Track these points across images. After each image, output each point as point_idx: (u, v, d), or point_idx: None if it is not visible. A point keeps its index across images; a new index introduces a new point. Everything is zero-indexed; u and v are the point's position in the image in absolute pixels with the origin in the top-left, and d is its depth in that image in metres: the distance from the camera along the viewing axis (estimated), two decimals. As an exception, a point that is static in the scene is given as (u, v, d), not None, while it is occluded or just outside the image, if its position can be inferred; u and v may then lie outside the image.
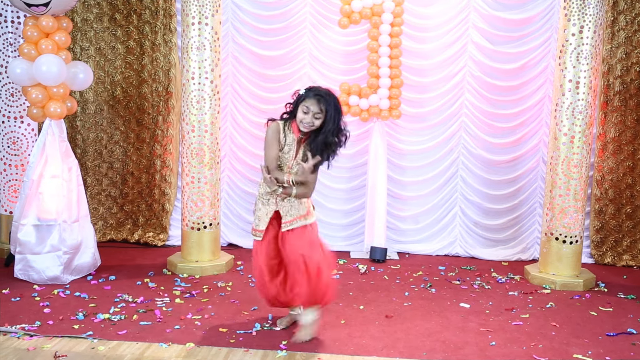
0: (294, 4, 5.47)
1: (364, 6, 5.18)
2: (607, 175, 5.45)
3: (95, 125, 5.72)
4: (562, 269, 4.83)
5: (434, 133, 5.60)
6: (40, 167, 4.50)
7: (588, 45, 4.65)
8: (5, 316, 3.81)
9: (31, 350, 3.34)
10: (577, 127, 4.73)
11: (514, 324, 3.97)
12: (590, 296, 4.62)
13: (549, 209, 4.89)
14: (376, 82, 5.27)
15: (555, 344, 3.67)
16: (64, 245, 4.47)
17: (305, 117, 3.41)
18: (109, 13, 5.57)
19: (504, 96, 5.48)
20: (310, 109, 3.40)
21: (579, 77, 4.69)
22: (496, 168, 5.58)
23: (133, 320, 3.81)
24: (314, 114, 3.40)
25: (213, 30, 4.76)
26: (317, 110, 3.39)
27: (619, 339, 3.80)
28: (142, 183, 5.74)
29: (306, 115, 3.40)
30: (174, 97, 5.56)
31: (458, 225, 5.68)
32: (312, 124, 3.42)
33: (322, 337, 3.65)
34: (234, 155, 5.73)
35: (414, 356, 3.44)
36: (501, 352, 3.53)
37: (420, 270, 5.16)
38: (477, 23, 5.41)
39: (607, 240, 5.52)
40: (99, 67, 5.63)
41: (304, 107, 3.42)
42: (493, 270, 5.21)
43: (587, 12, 4.61)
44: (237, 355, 3.36)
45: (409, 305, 4.27)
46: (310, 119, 3.40)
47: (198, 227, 4.89)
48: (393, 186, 5.62)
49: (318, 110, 3.40)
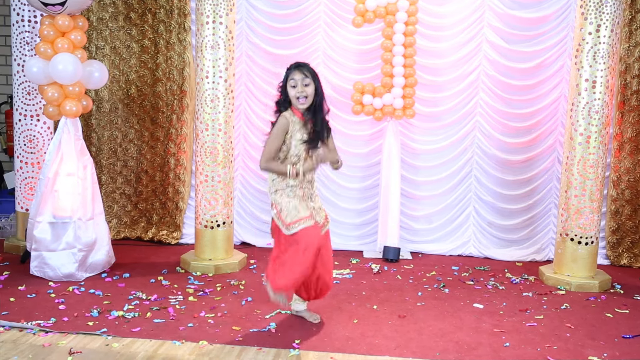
0: (308, 3, 5.48)
1: (378, 5, 5.18)
2: (624, 176, 5.42)
3: (110, 124, 5.76)
4: (577, 270, 4.81)
5: (448, 132, 5.60)
6: (55, 165, 4.54)
7: (605, 44, 4.62)
8: (21, 312, 3.85)
9: (46, 347, 3.37)
10: (593, 127, 4.70)
11: (528, 325, 3.96)
12: (605, 298, 4.59)
13: (564, 210, 4.87)
14: (390, 81, 5.27)
15: (570, 346, 3.65)
16: (79, 243, 4.50)
17: (295, 90, 3.51)
18: (124, 12, 5.61)
19: (519, 95, 5.47)
20: (296, 78, 3.52)
21: (596, 76, 4.66)
22: (511, 168, 5.56)
23: (147, 318, 3.84)
24: (302, 82, 3.51)
25: (227, 29, 4.78)
26: (302, 77, 3.52)
27: (636, 342, 3.77)
28: (156, 181, 5.77)
29: (295, 88, 3.52)
30: (188, 95, 5.58)
31: (472, 225, 5.68)
32: (304, 93, 3.52)
33: (334, 336, 3.66)
34: (248, 154, 5.75)
35: (427, 356, 3.43)
36: (515, 353, 3.52)
37: (434, 270, 5.16)
38: (491, 22, 5.40)
39: (624, 241, 5.49)
40: (114, 65, 5.67)
41: (290, 81, 3.54)
42: (507, 271, 5.19)
43: (604, 11, 4.58)
44: (249, 354, 3.37)
45: (422, 305, 4.27)
46: (301, 88, 3.51)
47: (211, 226, 4.91)
48: (406, 186, 5.62)
49: (303, 76, 3.52)
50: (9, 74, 6.47)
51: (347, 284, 4.70)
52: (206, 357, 3.32)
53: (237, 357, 3.32)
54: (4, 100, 6.62)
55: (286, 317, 3.95)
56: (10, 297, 4.12)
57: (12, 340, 3.44)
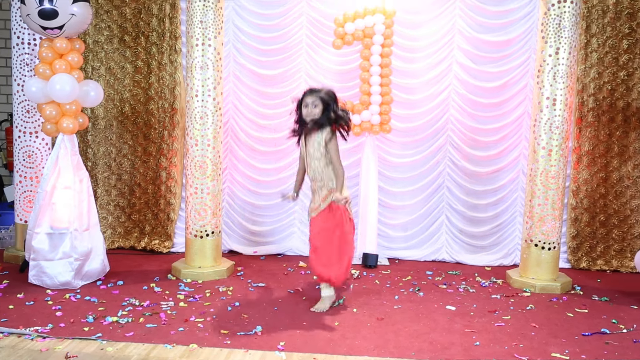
0: (291, 27, 5.51)
1: (356, 28, 5.22)
2: (582, 186, 5.47)
3: (105, 140, 5.73)
4: (541, 274, 4.84)
5: (421, 146, 5.62)
6: (53, 179, 4.51)
7: (564, 65, 4.69)
8: (19, 319, 3.81)
9: (44, 351, 3.34)
10: (554, 141, 4.76)
11: (497, 325, 3.98)
12: (567, 299, 4.63)
13: (529, 218, 4.91)
14: (368, 99, 5.30)
15: (534, 344, 3.68)
16: (75, 252, 4.47)
17: (306, 110, 3.97)
18: (119, 35, 5.60)
19: (486, 112, 5.51)
20: (307, 101, 3.97)
21: (556, 94, 4.72)
22: (479, 179, 5.60)
23: (140, 323, 3.81)
24: (312, 103, 3.95)
25: (215, 50, 4.79)
26: (312, 100, 3.95)
27: (594, 339, 3.81)
28: (149, 194, 5.74)
29: (306, 108, 3.97)
30: (178, 113, 5.57)
31: (444, 232, 5.70)
32: (313, 113, 3.96)
33: (317, 338, 3.65)
34: (235, 167, 5.75)
35: (403, 356, 3.43)
36: (484, 351, 3.53)
37: (409, 275, 5.17)
38: (461, 45, 5.45)
39: (583, 246, 5.53)
40: (109, 85, 5.65)
41: (304, 104, 3.99)
42: (477, 275, 5.21)
43: (562, 35, 4.65)
44: (237, 356, 3.36)
45: (398, 308, 4.28)
46: (311, 109, 3.95)
47: (201, 235, 4.90)
48: (383, 196, 5.64)
49: (313, 99, 3.95)
50: (9, 93, 6.43)
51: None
52: (196, 359, 3.30)
53: (225, 359, 3.31)
54: (4, 118, 6.57)
55: (271, 321, 3.94)
56: (10, 305, 4.07)
57: (11, 346, 3.40)
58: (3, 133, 6.54)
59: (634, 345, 3.73)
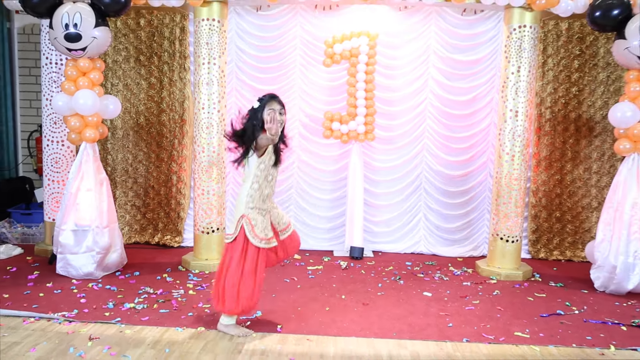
0: (287, 47, 5.52)
1: (343, 49, 5.25)
2: (541, 187, 5.52)
3: (123, 148, 5.73)
4: (505, 263, 4.88)
5: (401, 152, 5.63)
6: (77, 182, 4.52)
7: (524, 82, 4.74)
8: (49, 305, 3.83)
9: (70, 334, 3.37)
10: (516, 148, 4.80)
11: (467, 309, 4.02)
12: (528, 285, 4.68)
13: (495, 215, 4.95)
14: (354, 111, 5.32)
15: (500, 324, 3.72)
16: (96, 247, 4.48)
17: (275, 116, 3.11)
18: (135, 55, 5.61)
19: (458, 122, 5.53)
20: (275, 108, 3.20)
21: (518, 107, 4.77)
22: (452, 181, 5.61)
23: (154, 309, 3.84)
24: (279, 111, 3.22)
25: (220, 69, 4.81)
26: (280, 107, 3.25)
27: (551, 319, 3.87)
28: (161, 195, 5.75)
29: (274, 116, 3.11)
30: (187, 123, 5.58)
31: (422, 228, 5.70)
32: (281, 121, 3.21)
33: (310, 321, 3.68)
34: (237, 171, 5.71)
35: (385, 336, 3.48)
36: (457, 332, 3.58)
37: (391, 265, 5.19)
38: (436, 64, 5.47)
39: (541, 239, 5.58)
40: (126, 99, 5.65)
41: (269, 110, 3.16)
42: (450, 265, 5.24)
43: (523, 55, 4.71)
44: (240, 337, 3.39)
45: (381, 295, 4.31)
46: (280, 116, 3.19)
47: (207, 231, 4.91)
48: (368, 196, 5.65)
49: (281, 107, 3.26)
50: (39, 107, 6.41)
51: (320, 278, 4.72)
52: (203, 340, 3.32)
53: (229, 341, 3.33)
54: (34, 128, 6.55)
55: (269, 306, 3.96)
56: (40, 293, 4.10)
57: (42, 329, 3.43)
58: (34, 142, 6.52)
59: (584, 324, 3.80)
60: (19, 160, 6.67)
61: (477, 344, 3.39)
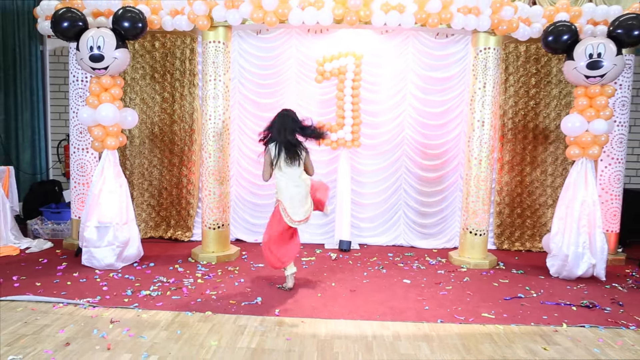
0: (283, 66, 5.53)
1: (333, 67, 5.27)
2: (505, 187, 5.56)
3: (140, 154, 5.72)
4: (474, 254, 4.92)
5: (384, 157, 5.65)
6: (99, 184, 4.52)
7: (489, 96, 4.79)
8: (75, 292, 3.83)
9: (94, 317, 3.37)
10: (483, 153, 4.84)
11: (441, 294, 4.04)
12: (493, 272, 4.71)
13: (465, 211, 4.99)
14: (342, 121, 5.34)
15: (469, 307, 3.76)
16: (117, 241, 4.48)
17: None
18: (150, 73, 5.60)
19: (433, 131, 5.56)
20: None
21: (484, 118, 4.81)
22: (428, 182, 5.63)
23: (167, 295, 3.84)
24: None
25: (224, 84, 4.82)
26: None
27: (513, 302, 3.90)
28: (173, 195, 5.74)
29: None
30: (196, 132, 5.57)
31: (402, 223, 5.72)
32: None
33: (304, 306, 3.69)
34: (240, 175, 5.75)
35: (370, 318, 3.49)
36: (432, 314, 3.60)
37: (375, 256, 5.20)
38: (413, 80, 5.50)
39: (505, 232, 5.61)
40: (142, 111, 5.64)
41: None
42: (426, 256, 5.26)
43: (488, 73, 4.76)
44: (242, 320, 3.40)
45: (367, 282, 4.32)
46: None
47: (214, 227, 4.92)
48: (355, 196, 5.66)
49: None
50: (67, 119, 6.42)
51: (313, 267, 4.73)
52: (210, 323, 3.34)
53: (233, 323, 3.35)
54: (63, 137, 6.55)
55: (268, 293, 3.97)
56: (67, 282, 4.10)
57: (69, 313, 3.43)
58: (62, 149, 6.53)
59: (541, 305, 3.84)
60: (50, 165, 6.66)
61: (449, 324, 3.43)
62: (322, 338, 3.14)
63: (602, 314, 3.67)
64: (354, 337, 3.17)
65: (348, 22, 4.47)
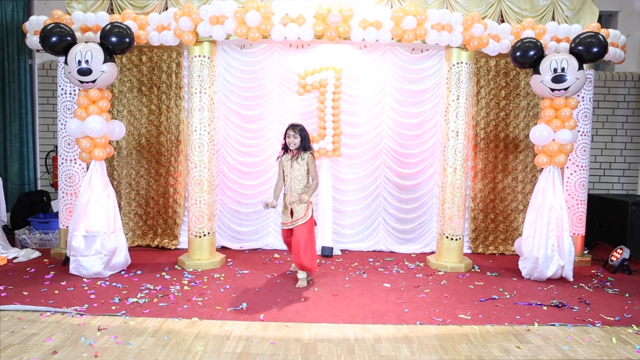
0: (266, 79, 5.53)
1: (314, 81, 5.31)
2: (478, 194, 5.61)
3: (127, 164, 5.65)
4: (450, 258, 4.94)
5: (363, 166, 5.66)
6: (87, 194, 4.45)
7: (463, 107, 4.85)
8: (63, 301, 3.75)
9: (81, 325, 3.30)
10: (458, 162, 4.90)
11: (420, 297, 4.05)
12: (469, 275, 4.74)
13: (442, 217, 5.02)
14: (323, 132, 5.37)
15: (447, 309, 3.77)
16: (104, 250, 4.41)
17: (289, 139, 4.16)
18: (137, 86, 5.55)
19: (410, 141, 5.59)
20: (290, 133, 4.16)
21: (458, 128, 4.87)
22: (406, 190, 5.66)
23: (154, 302, 3.78)
24: (293, 135, 4.14)
25: (209, 97, 4.80)
26: (293, 133, 4.15)
27: (488, 303, 3.94)
28: (160, 204, 5.67)
29: (289, 138, 4.16)
30: (182, 144, 5.53)
31: (381, 230, 5.72)
32: (295, 143, 4.14)
33: (288, 311, 3.67)
34: (225, 184, 5.71)
35: (352, 322, 3.49)
36: (411, 316, 3.61)
37: (356, 262, 5.20)
38: (391, 92, 5.54)
39: (479, 237, 5.65)
40: (130, 123, 5.58)
41: (287, 135, 4.17)
42: (405, 260, 5.27)
43: (461, 86, 4.82)
44: (228, 325, 3.37)
45: (348, 287, 4.31)
46: (292, 139, 4.14)
47: (200, 235, 4.87)
48: (336, 203, 5.66)
49: (293, 133, 4.15)
50: (55, 131, 6.34)
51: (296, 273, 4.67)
52: (197, 328, 3.30)
53: (219, 328, 3.31)
54: (51, 149, 6.45)
55: (253, 299, 3.94)
56: (55, 290, 4.01)
57: (57, 321, 3.36)
58: (50, 160, 6.42)
59: (514, 306, 3.88)
60: (38, 176, 6.55)
61: (428, 325, 3.44)
62: (306, 342, 3.13)
63: (571, 313, 3.73)
64: (336, 340, 3.16)
65: (328, 37, 4.50)
